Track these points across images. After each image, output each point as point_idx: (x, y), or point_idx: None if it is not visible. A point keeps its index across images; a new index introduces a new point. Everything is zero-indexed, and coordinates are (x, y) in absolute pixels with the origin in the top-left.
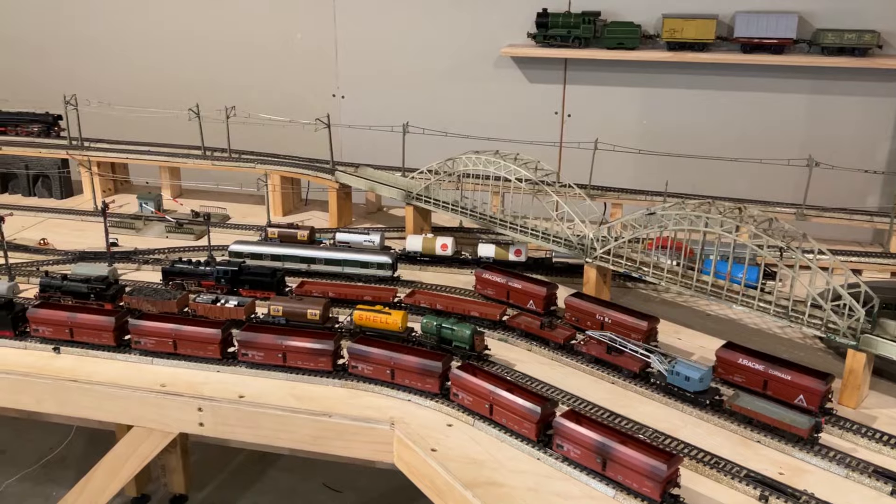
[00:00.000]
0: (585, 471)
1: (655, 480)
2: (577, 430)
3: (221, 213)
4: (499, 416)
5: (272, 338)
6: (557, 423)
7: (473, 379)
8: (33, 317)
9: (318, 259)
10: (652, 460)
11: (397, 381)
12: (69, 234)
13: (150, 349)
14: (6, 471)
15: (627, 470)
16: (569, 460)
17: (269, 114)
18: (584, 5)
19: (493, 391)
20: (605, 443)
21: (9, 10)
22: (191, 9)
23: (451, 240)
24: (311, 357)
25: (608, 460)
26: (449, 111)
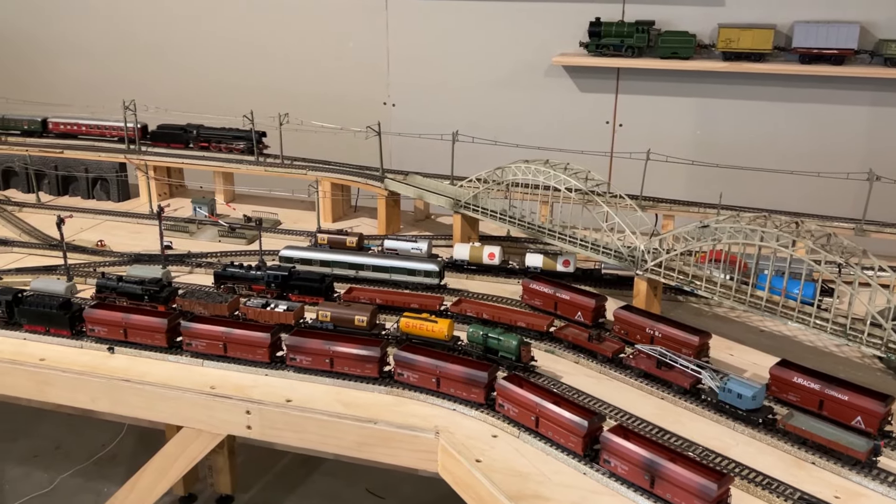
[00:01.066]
0: (633, 487)
1: (705, 500)
2: (625, 446)
3: (273, 219)
4: (545, 429)
5: (320, 343)
6: (605, 438)
7: (519, 390)
8: (90, 317)
9: (366, 266)
10: (702, 479)
11: (442, 390)
12: (125, 237)
13: (201, 351)
14: (61, 466)
15: (676, 488)
16: (616, 476)
17: (321, 121)
18: (638, 14)
19: (540, 403)
20: (654, 460)
21: (77, 21)
22: (247, 18)
23: (498, 249)
24: (357, 363)
25: (656, 478)
26: (499, 120)
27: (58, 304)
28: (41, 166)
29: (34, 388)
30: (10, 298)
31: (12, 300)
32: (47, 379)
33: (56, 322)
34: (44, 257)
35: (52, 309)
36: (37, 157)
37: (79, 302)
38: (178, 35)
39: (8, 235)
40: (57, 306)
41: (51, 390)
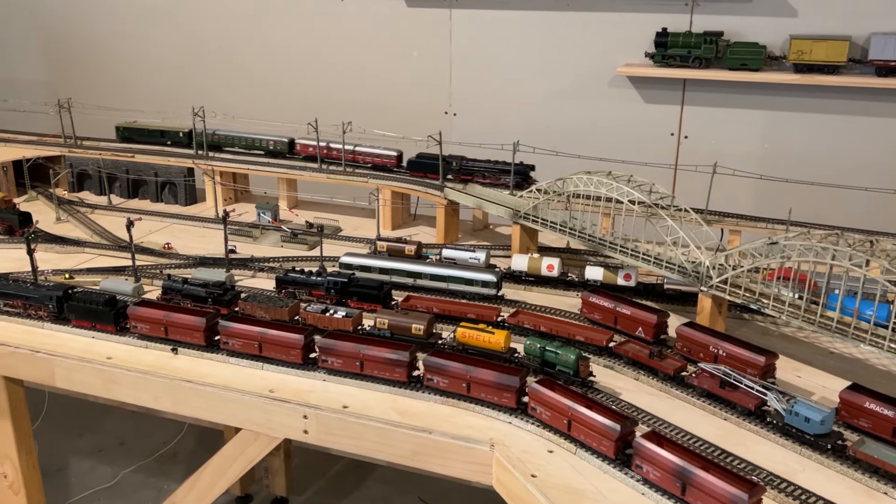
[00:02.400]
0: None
1: None
2: (658, 452)
3: (334, 226)
4: (577, 433)
5: (351, 346)
6: (638, 444)
7: (551, 394)
8: (134, 314)
9: (423, 274)
10: (733, 489)
11: (473, 395)
12: (191, 240)
13: (238, 350)
14: (124, 461)
15: (707, 496)
16: (650, 482)
17: (383, 129)
18: (706, 25)
19: (572, 406)
20: (686, 467)
21: (148, 29)
22: (312, 28)
23: (557, 261)
24: (387, 367)
25: (688, 485)
26: (560, 130)
27: (103, 301)
28: (113, 170)
29: (101, 385)
30: (60, 294)
31: (63, 296)
32: (114, 377)
33: (101, 318)
34: (113, 258)
35: (97, 305)
36: (109, 160)
37: (123, 300)
38: (244, 43)
39: (80, 236)
40: (102, 303)
41: (117, 388)
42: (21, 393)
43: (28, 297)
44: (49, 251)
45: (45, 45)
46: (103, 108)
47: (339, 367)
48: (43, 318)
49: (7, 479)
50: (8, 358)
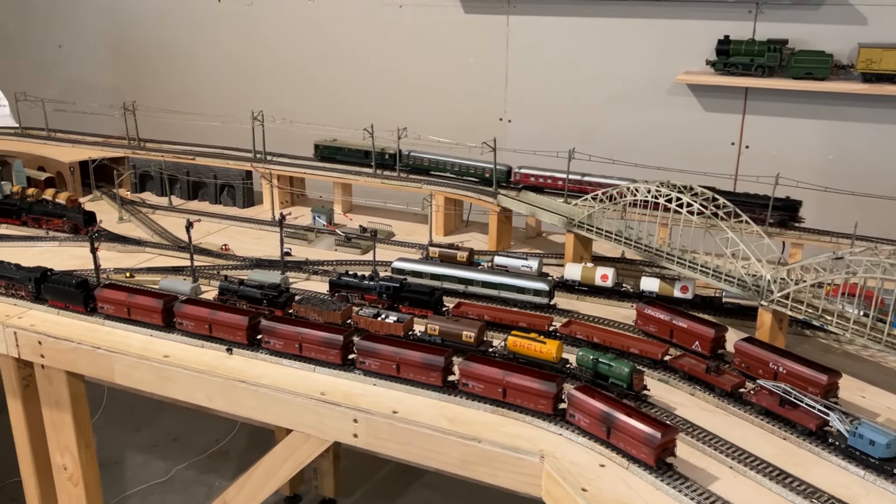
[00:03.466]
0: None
1: (651, 446)
2: (589, 402)
3: (387, 230)
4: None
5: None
6: (570, 396)
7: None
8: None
9: (475, 281)
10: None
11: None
12: (248, 242)
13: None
14: (177, 457)
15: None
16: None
17: (438, 135)
18: (771, 33)
19: (611, 413)
20: (610, 412)
21: (211, 34)
22: (370, 34)
23: (612, 270)
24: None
25: (612, 429)
26: (617, 138)
27: (74, 284)
28: (174, 171)
29: (158, 383)
30: (38, 276)
31: (40, 278)
32: (170, 375)
33: (73, 299)
34: (172, 258)
35: (69, 287)
36: (171, 162)
37: (94, 282)
38: (302, 48)
39: (141, 236)
40: (73, 285)
41: (172, 386)
42: (82, 388)
43: (10, 277)
44: (111, 250)
45: (113, 50)
46: (166, 111)
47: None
48: (24, 298)
49: (67, 470)
50: (70, 353)
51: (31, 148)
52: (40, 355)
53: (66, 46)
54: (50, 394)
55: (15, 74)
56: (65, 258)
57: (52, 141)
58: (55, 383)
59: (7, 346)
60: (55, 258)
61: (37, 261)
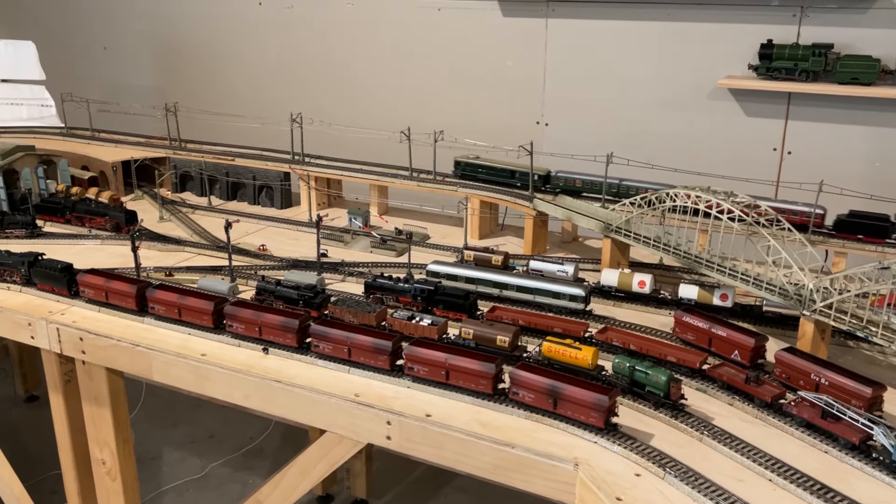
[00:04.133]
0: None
1: (599, 410)
2: (531, 377)
3: (422, 233)
4: (563, 410)
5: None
6: (513, 373)
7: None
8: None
9: (510, 285)
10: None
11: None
12: (285, 242)
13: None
14: (212, 454)
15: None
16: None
17: (475, 138)
18: (815, 37)
19: (556, 385)
20: (555, 384)
21: (250, 37)
22: (408, 37)
23: (649, 277)
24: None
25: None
26: (656, 142)
27: (59, 269)
28: (214, 172)
29: (195, 381)
30: (31, 260)
31: (31, 262)
32: (207, 374)
33: (58, 282)
34: (211, 258)
35: (55, 271)
36: (211, 163)
37: (78, 269)
38: (341, 51)
39: (181, 235)
40: (58, 269)
41: (209, 385)
42: (121, 384)
43: (4, 263)
44: (152, 248)
45: (156, 52)
46: (207, 112)
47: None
48: (17, 282)
49: (105, 465)
50: (111, 350)
51: (75, 147)
52: (81, 351)
53: (111, 48)
54: (90, 389)
55: (61, 76)
56: (107, 256)
57: (95, 141)
58: (95, 379)
59: (50, 341)
60: (97, 256)
61: (80, 258)
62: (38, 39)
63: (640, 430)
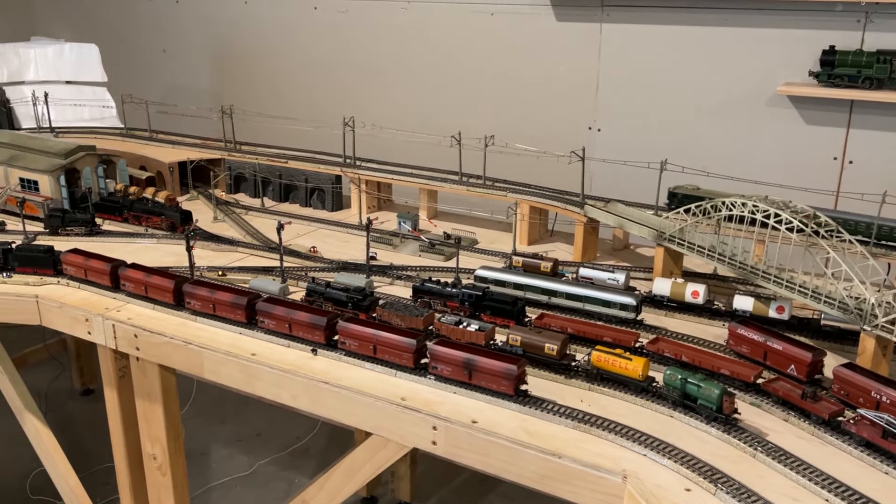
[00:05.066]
0: None
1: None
2: (448, 352)
3: (471, 238)
4: (477, 380)
5: (461, 355)
6: (432, 350)
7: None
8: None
9: (559, 292)
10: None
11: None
12: (335, 245)
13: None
14: (260, 453)
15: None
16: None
17: (525, 143)
18: (880, 43)
19: (470, 358)
20: (469, 357)
21: (303, 41)
22: (460, 41)
23: (703, 287)
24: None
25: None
26: (712, 150)
27: (43, 250)
28: (267, 174)
29: (244, 380)
30: (7, 248)
31: (6, 251)
32: (256, 373)
33: (42, 264)
34: (263, 258)
35: (39, 254)
36: (264, 165)
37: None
38: (393, 55)
39: (234, 236)
40: (42, 251)
41: (258, 384)
42: (173, 381)
43: None
44: (206, 248)
45: (213, 55)
46: (261, 115)
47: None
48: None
49: (156, 460)
50: (164, 347)
51: (134, 148)
52: (136, 348)
53: (170, 51)
54: (143, 385)
55: (122, 78)
56: (161, 254)
57: (153, 142)
58: (148, 375)
59: (106, 337)
60: (153, 254)
61: (135, 256)
62: (100, 42)
63: (691, 444)
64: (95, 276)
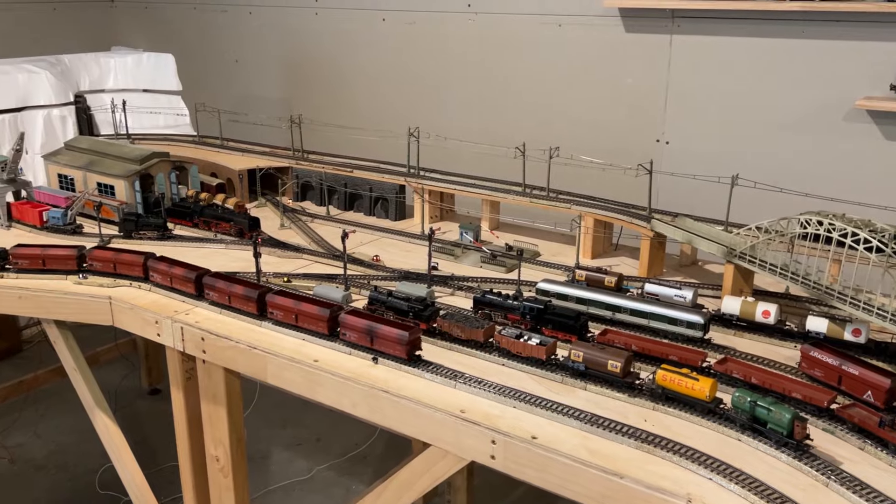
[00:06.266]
0: None
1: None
2: (354, 321)
3: (533, 250)
4: (378, 346)
5: (364, 323)
6: (342, 318)
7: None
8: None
9: (623, 308)
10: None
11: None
12: (397, 254)
13: (353, 341)
14: (319, 457)
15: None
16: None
17: (591, 155)
18: None
19: (372, 325)
20: (371, 325)
21: (371, 52)
22: (527, 51)
23: (775, 307)
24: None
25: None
26: (785, 165)
27: None
28: (333, 183)
29: (307, 386)
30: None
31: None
32: (318, 380)
33: None
34: (327, 266)
35: None
36: (330, 174)
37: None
38: (460, 66)
39: (300, 243)
40: None
41: (320, 390)
42: (237, 384)
43: None
44: (272, 255)
45: (283, 65)
46: (329, 124)
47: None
48: None
49: (219, 462)
50: (229, 351)
51: (205, 155)
52: (202, 350)
53: (242, 61)
54: (208, 388)
55: (196, 87)
56: (229, 259)
57: (224, 149)
58: (214, 378)
59: (174, 339)
60: (220, 259)
61: (205, 261)
62: (176, 52)
63: (759, 469)
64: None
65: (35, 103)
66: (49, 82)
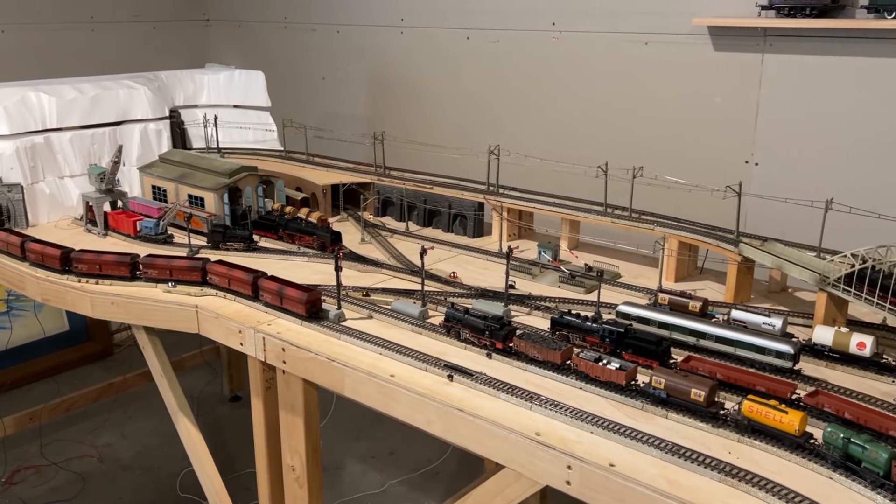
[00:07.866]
0: None
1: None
2: (269, 283)
3: (613, 271)
4: (286, 305)
5: (275, 286)
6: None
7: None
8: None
9: (708, 335)
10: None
11: (284, 307)
12: (475, 271)
13: (268, 301)
14: (392, 472)
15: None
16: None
17: (676, 175)
18: None
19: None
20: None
21: (452, 69)
22: (612, 70)
23: (871, 339)
24: (294, 303)
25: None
26: (883, 190)
27: None
28: (413, 199)
29: (382, 400)
30: None
31: None
32: (394, 395)
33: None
34: (405, 281)
35: None
36: (411, 190)
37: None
38: (543, 83)
39: (379, 257)
40: None
41: (395, 406)
42: (315, 396)
43: None
44: (352, 269)
45: (368, 83)
46: (410, 141)
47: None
48: None
49: (295, 472)
50: (308, 363)
51: (291, 170)
52: (282, 361)
53: (329, 79)
54: (287, 398)
55: (284, 103)
56: (310, 272)
57: (309, 164)
58: (293, 389)
59: (256, 349)
60: (302, 271)
61: (287, 273)
62: (266, 69)
63: None
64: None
65: (133, 118)
66: (147, 97)
